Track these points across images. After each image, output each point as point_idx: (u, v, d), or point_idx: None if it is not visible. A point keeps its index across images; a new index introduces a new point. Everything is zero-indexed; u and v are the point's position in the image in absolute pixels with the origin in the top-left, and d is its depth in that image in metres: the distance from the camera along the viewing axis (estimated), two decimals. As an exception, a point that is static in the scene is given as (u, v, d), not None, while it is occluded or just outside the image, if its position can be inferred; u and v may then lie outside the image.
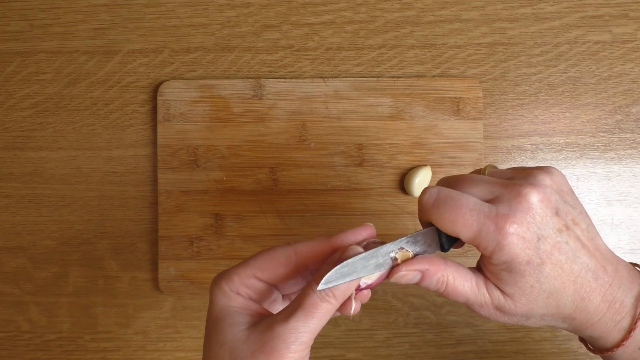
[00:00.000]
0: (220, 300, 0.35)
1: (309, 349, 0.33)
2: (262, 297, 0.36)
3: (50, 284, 0.56)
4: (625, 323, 0.34)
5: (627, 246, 0.55)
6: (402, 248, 0.34)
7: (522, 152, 0.55)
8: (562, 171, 0.32)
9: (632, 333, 0.34)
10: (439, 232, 0.34)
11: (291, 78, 0.55)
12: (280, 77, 0.55)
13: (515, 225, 0.32)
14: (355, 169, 0.54)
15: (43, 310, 0.56)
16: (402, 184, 0.54)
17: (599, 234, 0.35)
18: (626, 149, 0.55)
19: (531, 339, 0.55)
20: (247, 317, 0.34)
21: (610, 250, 0.35)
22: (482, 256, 0.34)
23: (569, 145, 0.55)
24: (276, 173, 0.54)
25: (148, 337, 0.56)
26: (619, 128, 0.55)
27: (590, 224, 0.34)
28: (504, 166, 0.55)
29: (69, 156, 0.56)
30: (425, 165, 0.54)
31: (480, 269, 0.35)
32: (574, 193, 0.35)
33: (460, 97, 0.54)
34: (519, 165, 0.40)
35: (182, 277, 0.54)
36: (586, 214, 0.34)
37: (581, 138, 0.55)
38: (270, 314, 0.35)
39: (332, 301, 0.32)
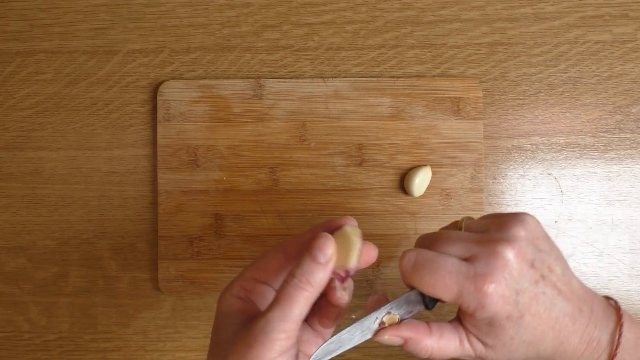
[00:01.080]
0: (222, 307, 0.36)
1: (294, 338, 0.33)
2: (262, 298, 0.37)
3: (50, 284, 0.56)
4: None
5: (627, 246, 0.55)
6: (389, 312, 0.35)
7: (522, 152, 0.55)
8: (562, 171, 0.32)
9: None
10: (422, 294, 0.35)
11: (291, 78, 0.55)
12: (280, 77, 0.55)
13: (493, 285, 0.32)
14: (355, 169, 0.54)
15: (43, 310, 0.56)
16: (402, 184, 0.54)
17: (574, 274, 0.36)
18: (626, 149, 0.55)
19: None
20: (244, 318, 0.35)
21: (585, 288, 0.36)
22: (462, 312, 0.35)
23: (569, 145, 0.55)
24: (276, 173, 0.54)
25: (148, 337, 0.55)
26: (619, 128, 0.55)
27: (565, 268, 0.35)
28: (503, 166, 0.55)
29: (68, 156, 0.56)
30: (425, 165, 0.54)
31: (460, 320, 0.36)
32: (548, 238, 0.36)
33: (460, 97, 0.54)
34: (493, 213, 0.41)
35: (182, 277, 0.54)
36: (561, 257, 0.36)
37: (581, 138, 0.55)
38: None
39: (309, 289, 0.33)
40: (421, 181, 0.53)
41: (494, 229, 0.35)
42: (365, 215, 0.54)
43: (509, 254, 0.33)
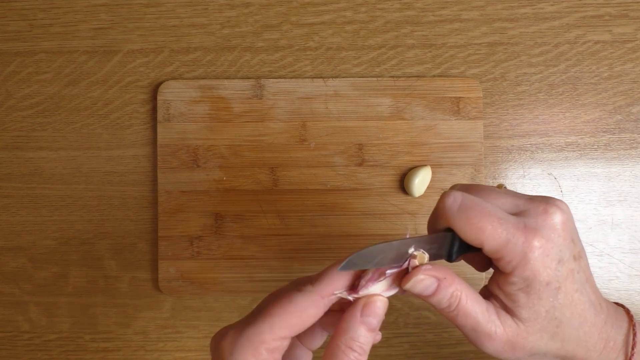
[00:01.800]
0: None
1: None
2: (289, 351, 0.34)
3: (50, 284, 0.56)
4: None
5: (627, 246, 0.55)
6: (420, 250, 0.32)
7: (522, 152, 0.55)
8: (562, 171, 0.32)
9: None
10: (453, 240, 0.33)
11: (291, 78, 0.55)
12: (280, 77, 0.55)
13: (543, 240, 0.31)
14: (355, 169, 0.54)
15: (43, 310, 0.56)
16: (402, 184, 0.54)
17: None
18: (626, 149, 0.55)
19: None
20: None
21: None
22: (496, 276, 0.33)
23: (569, 145, 0.55)
24: (276, 173, 0.54)
25: (148, 337, 0.55)
26: (619, 128, 0.55)
27: (588, 262, 0.34)
28: (503, 166, 0.55)
29: (68, 156, 0.56)
30: (425, 165, 0.54)
31: (488, 296, 0.33)
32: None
33: (460, 97, 0.54)
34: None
35: (182, 277, 0.54)
36: (585, 251, 0.34)
37: (581, 138, 0.55)
38: None
39: (363, 357, 0.31)
40: (421, 181, 0.53)
41: (539, 197, 0.33)
42: (365, 215, 0.54)
43: (559, 218, 0.31)
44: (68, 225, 0.56)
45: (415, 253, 0.32)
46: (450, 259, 0.33)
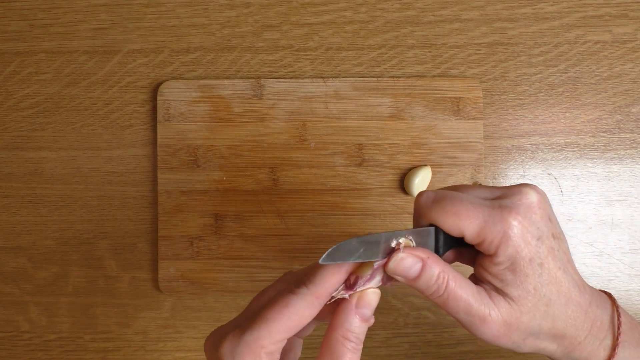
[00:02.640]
0: None
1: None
2: (291, 352, 0.35)
3: (50, 284, 0.56)
4: (609, 341, 0.35)
5: (627, 246, 0.55)
6: (407, 237, 0.32)
7: (522, 152, 0.55)
8: (562, 171, 0.32)
9: (616, 350, 0.34)
10: (437, 235, 0.33)
11: (291, 78, 0.55)
12: (280, 77, 0.55)
13: (520, 217, 0.32)
14: (355, 169, 0.54)
15: (43, 310, 0.56)
16: (402, 184, 0.54)
17: None
18: (626, 149, 0.55)
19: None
20: None
21: None
22: (481, 260, 0.33)
23: (569, 145, 0.55)
24: (276, 173, 0.54)
25: (148, 337, 0.55)
26: (619, 128, 0.55)
27: (568, 246, 0.35)
28: (503, 166, 0.55)
29: (68, 156, 0.56)
30: (425, 165, 0.54)
31: (477, 281, 0.34)
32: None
33: (460, 97, 0.54)
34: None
35: (182, 277, 0.54)
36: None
37: (581, 138, 0.55)
38: None
39: (359, 346, 0.32)
40: (421, 181, 0.53)
41: (511, 187, 0.34)
42: (365, 215, 0.54)
43: (534, 197, 0.32)
44: (68, 225, 0.56)
45: (400, 240, 0.32)
46: (438, 253, 0.34)
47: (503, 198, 0.33)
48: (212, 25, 0.56)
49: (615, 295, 0.54)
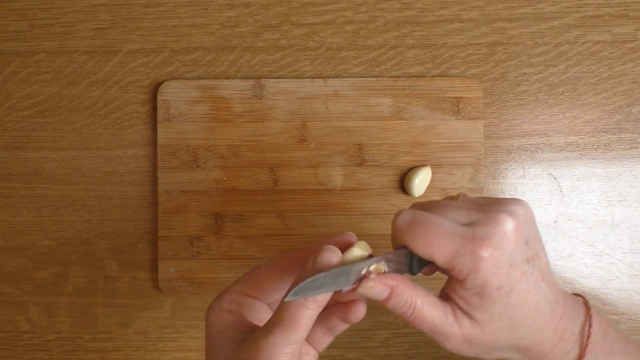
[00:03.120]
0: (212, 322, 0.35)
1: (299, 355, 0.32)
2: (252, 311, 0.36)
3: (50, 284, 0.56)
4: (575, 352, 0.35)
5: (627, 246, 0.55)
6: (380, 262, 0.33)
7: (522, 152, 0.55)
8: (562, 171, 0.33)
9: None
10: (412, 255, 0.34)
11: (291, 78, 0.55)
12: (280, 77, 0.55)
13: (491, 249, 0.32)
14: (355, 169, 0.54)
15: (43, 310, 0.56)
16: (402, 184, 0.54)
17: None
18: (626, 149, 0.55)
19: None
20: (237, 333, 0.34)
21: (558, 284, 0.36)
22: (451, 282, 0.34)
23: (569, 145, 0.55)
24: (276, 173, 0.54)
25: (148, 337, 0.56)
26: (619, 128, 0.55)
27: (547, 260, 0.35)
28: (503, 166, 0.55)
29: (69, 156, 0.56)
30: (425, 165, 0.54)
31: (446, 297, 0.35)
32: (537, 227, 0.36)
33: (460, 97, 0.54)
34: (488, 196, 0.41)
35: (182, 277, 0.54)
36: (544, 248, 0.35)
37: (581, 138, 0.55)
38: (257, 328, 0.34)
39: (312, 307, 0.32)
40: (421, 181, 0.53)
41: (494, 203, 0.34)
42: (365, 215, 0.54)
43: (509, 225, 0.33)
44: (68, 225, 0.56)
45: (370, 269, 0.33)
46: (412, 272, 0.35)
47: (478, 225, 0.33)
48: (212, 25, 0.56)
49: (615, 295, 0.55)
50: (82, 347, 0.56)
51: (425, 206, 0.36)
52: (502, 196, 0.55)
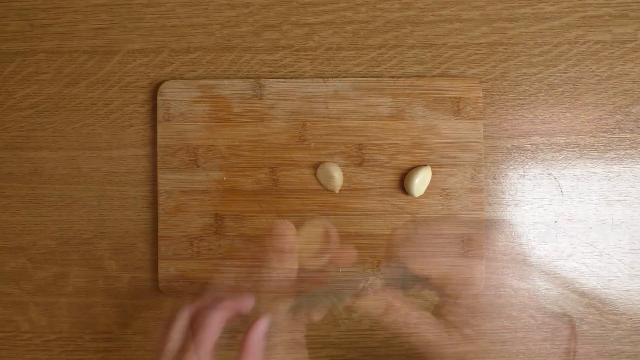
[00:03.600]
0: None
1: None
2: None
3: (50, 284, 0.56)
4: None
5: (627, 246, 0.55)
6: (375, 277, 0.35)
7: (522, 152, 0.55)
8: (562, 171, 0.32)
9: None
10: (405, 271, 0.35)
11: (291, 78, 0.55)
12: (280, 77, 0.55)
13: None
14: (355, 169, 0.54)
15: (43, 310, 0.56)
16: (402, 184, 0.54)
17: None
18: (626, 149, 0.55)
19: (531, 339, 0.55)
20: None
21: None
22: (445, 299, 0.36)
23: (569, 145, 0.55)
24: (276, 173, 0.54)
25: (148, 337, 0.56)
26: (619, 128, 0.55)
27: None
28: (503, 166, 0.55)
29: (69, 156, 0.56)
30: (425, 165, 0.54)
31: (440, 315, 0.37)
32: None
33: (460, 97, 0.54)
34: None
35: (182, 277, 0.54)
36: None
37: (581, 138, 0.55)
38: None
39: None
40: (421, 181, 0.53)
41: None
42: (366, 215, 0.54)
43: None
44: (68, 225, 0.56)
45: (369, 283, 0.35)
46: (404, 287, 0.36)
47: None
48: (212, 25, 0.56)
49: (615, 295, 0.55)
50: (82, 347, 0.56)
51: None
52: (502, 196, 0.55)
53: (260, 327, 0.38)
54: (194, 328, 0.37)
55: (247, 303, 0.39)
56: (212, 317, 0.37)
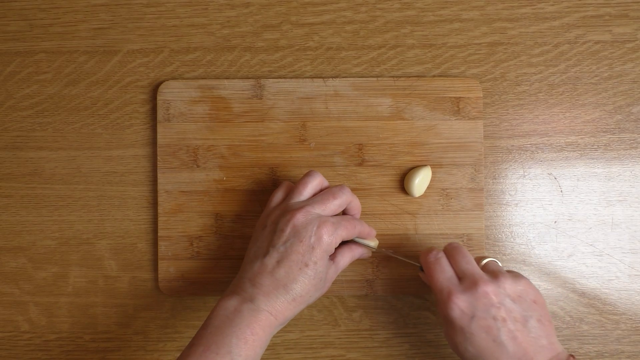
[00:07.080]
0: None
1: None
2: None
3: (50, 284, 0.56)
4: None
5: (627, 246, 0.55)
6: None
7: (522, 152, 0.55)
8: (562, 171, 0.32)
9: None
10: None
11: (291, 78, 0.55)
12: (280, 77, 0.55)
13: (458, 302, 0.44)
14: (355, 169, 0.54)
15: (43, 310, 0.56)
16: (402, 184, 0.54)
17: (552, 337, 0.43)
18: (626, 149, 0.55)
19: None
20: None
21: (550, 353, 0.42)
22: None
23: (569, 145, 0.55)
24: (276, 173, 0.54)
25: (148, 337, 0.56)
26: (619, 128, 0.55)
27: (540, 333, 0.43)
28: (503, 166, 0.55)
29: (68, 156, 0.56)
30: (425, 165, 0.54)
31: None
32: (542, 304, 0.44)
33: (460, 97, 0.54)
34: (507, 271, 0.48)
35: (182, 277, 0.54)
36: (541, 323, 0.43)
37: (581, 138, 0.55)
38: None
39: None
40: (421, 181, 0.53)
41: (501, 274, 0.45)
42: (366, 215, 0.54)
43: (484, 289, 0.44)
44: (68, 225, 0.56)
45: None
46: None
47: (464, 280, 0.45)
48: (212, 25, 0.56)
49: (615, 295, 0.55)
50: (82, 347, 0.56)
51: (450, 251, 0.48)
52: (502, 196, 0.55)
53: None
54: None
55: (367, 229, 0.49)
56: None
